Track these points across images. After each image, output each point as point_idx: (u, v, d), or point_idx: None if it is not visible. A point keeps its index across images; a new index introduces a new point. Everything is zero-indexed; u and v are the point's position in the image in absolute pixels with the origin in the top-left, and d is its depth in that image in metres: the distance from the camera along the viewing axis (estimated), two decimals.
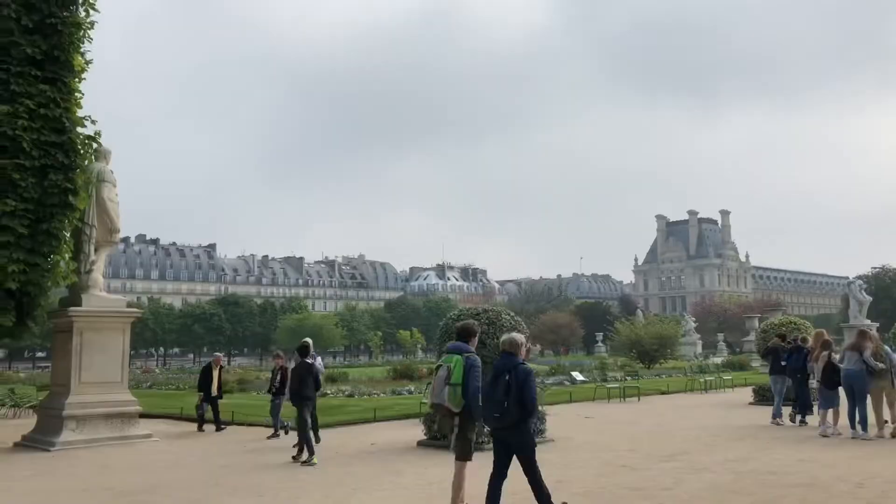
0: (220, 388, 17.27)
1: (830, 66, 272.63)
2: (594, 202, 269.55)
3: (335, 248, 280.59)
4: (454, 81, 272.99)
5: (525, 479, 7.34)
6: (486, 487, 7.46)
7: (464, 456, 7.74)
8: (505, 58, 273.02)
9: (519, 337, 7.57)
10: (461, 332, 8.05)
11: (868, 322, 36.79)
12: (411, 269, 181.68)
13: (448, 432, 7.90)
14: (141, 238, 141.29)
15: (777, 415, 15.99)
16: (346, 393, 24.01)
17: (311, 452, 11.80)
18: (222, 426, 16.62)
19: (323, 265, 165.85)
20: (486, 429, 9.15)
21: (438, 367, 7.80)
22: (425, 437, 13.41)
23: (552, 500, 7.33)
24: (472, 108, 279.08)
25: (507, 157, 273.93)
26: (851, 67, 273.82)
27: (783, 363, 16.22)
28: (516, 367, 7.27)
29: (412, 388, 25.10)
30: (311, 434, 12.45)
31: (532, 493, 7.31)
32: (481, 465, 7.88)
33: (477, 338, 8.20)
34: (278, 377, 15.08)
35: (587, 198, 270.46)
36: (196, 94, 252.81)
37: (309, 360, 12.79)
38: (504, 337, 7.69)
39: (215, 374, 17.21)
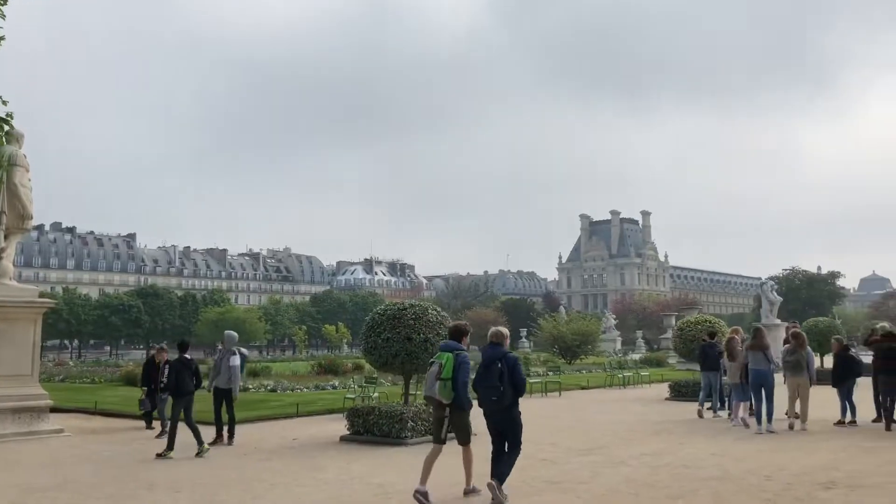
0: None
1: (764, 72, 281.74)
2: (523, 200, 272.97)
3: (260, 241, 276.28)
4: (388, 77, 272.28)
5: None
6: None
7: (465, 441, 8.59)
8: (440, 54, 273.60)
9: (504, 330, 8.72)
10: (454, 331, 8.82)
11: (778, 321, 38.35)
12: (338, 263, 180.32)
13: (438, 422, 8.61)
14: (56, 226, 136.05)
15: (703, 405, 16.89)
16: (269, 388, 23.63)
17: (171, 447, 11.78)
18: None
19: (247, 258, 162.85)
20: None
21: (431, 363, 8.58)
22: (348, 433, 13.35)
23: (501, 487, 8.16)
24: (406, 103, 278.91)
25: (438, 154, 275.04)
26: (782, 75, 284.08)
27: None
28: (505, 356, 8.38)
29: (336, 383, 24.90)
30: (177, 429, 12.05)
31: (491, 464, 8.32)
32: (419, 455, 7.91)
33: (468, 337, 8.86)
34: (165, 372, 14.47)
35: (516, 196, 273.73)
36: (123, 79, 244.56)
37: (188, 356, 12.59)
38: (492, 329, 8.72)
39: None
